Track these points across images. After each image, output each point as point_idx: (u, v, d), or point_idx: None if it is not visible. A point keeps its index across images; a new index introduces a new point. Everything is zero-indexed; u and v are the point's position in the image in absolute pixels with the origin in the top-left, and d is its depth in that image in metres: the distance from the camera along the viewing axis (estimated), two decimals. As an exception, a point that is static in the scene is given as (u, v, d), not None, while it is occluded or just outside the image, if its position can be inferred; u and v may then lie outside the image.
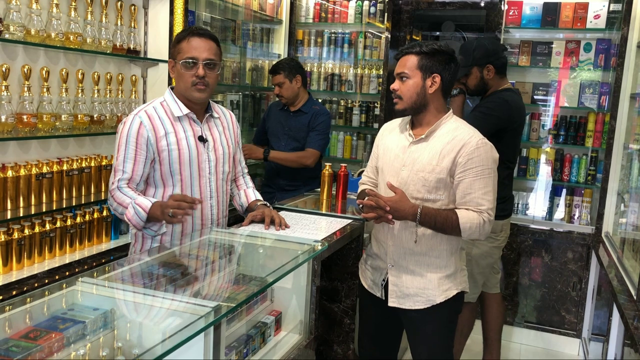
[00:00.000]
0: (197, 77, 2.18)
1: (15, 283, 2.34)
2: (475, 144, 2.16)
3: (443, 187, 2.19)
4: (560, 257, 3.94)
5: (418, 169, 2.21)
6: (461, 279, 2.33)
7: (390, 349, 2.52)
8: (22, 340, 1.33)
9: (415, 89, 2.21)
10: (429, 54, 2.19)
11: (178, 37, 2.24)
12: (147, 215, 2.11)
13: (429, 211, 2.16)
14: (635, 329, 2.18)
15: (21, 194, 2.47)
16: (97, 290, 1.68)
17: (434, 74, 2.19)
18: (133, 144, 2.18)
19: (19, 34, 2.37)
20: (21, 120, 2.43)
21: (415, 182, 2.21)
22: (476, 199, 2.15)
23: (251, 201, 2.53)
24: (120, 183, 2.19)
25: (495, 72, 3.09)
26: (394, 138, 2.35)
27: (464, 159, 2.15)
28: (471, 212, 2.16)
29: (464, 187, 2.17)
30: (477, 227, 2.15)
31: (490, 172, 2.17)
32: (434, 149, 2.20)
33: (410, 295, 2.28)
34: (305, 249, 2.11)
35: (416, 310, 2.28)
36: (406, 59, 2.23)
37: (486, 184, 2.16)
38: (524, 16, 4.01)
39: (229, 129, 2.45)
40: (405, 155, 2.26)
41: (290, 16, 4.62)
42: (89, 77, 2.82)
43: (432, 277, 2.26)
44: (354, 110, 4.60)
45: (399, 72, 2.24)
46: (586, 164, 3.99)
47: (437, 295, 2.25)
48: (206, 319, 1.47)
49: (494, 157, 2.20)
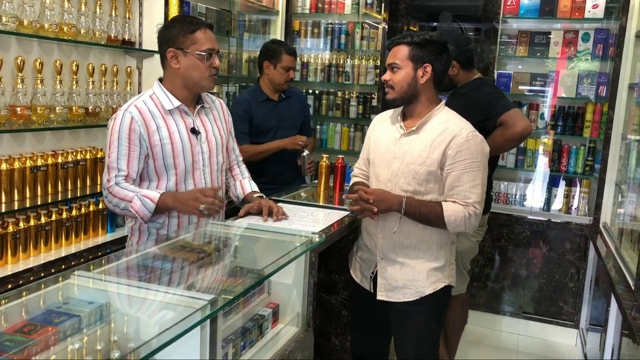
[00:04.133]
0: (214, 67, 2.20)
1: (10, 276, 2.33)
2: (465, 136, 2.14)
3: (434, 180, 2.18)
4: (558, 247, 3.94)
5: (408, 161, 2.20)
6: (449, 273, 2.32)
7: (381, 342, 2.51)
8: (16, 335, 1.31)
9: (407, 79, 2.19)
10: (420, 44, 2.17)
11: (188, 27, 2.16)
12: (155, 206, 2.10)
13: (414, 202, 2.16)
14: (633, 319, 2.17)
15: (16, 187, 2.45)
16: (93, 284, 1.66)
17: (425, 64, 2.18)
18: (126, 140, 2.14)
19: (12, 25, 2.34)
20: (15, 113, 2.40)
21: (406, 174, 2.20)
22: (463, 192, 2.14)
23: (247, 193, 2.51)
24: (118, 179, 2.15)
25: (461, 67, 2.97)
26: (385, 130, 2.33)
27: (454, 151, 2.13)
28: (457, 205, 2.14)
29: (451, 180, 2.15)
30: (462, 220, 2.13)
31: (480, 166, 2.15)
32: (425, 141, 2.18)
33: (399, 287, 2.27)
34: (303, 241, 2.10)
35: (404, 302, 2.27)
36: (397, 49, 2.22)
37: (474, 177, 2.14)
38: (522, 6, 3.98)
39: (220, 118, 2.42)
40: (396, 148, 2.24)
41: (287, 7, 4.58)
42: (84, 68, 2.79)
43: (421, 268, 2.25)
44: (351, 102, 4.58)
45: (390, 63, 2.23)
46: (584, 155, 3.98)
47: (426, 287, 2.24)
48: (202, 312, 1.45)
49: (484, 151, 2.18)
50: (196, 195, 2.12)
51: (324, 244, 2.27)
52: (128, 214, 2.16)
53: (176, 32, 2.18)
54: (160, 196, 2.12)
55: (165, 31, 2.21)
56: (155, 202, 2.11)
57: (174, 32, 2.18)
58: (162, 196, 2.13)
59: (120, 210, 2.17)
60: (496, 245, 4.05)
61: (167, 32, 2.20)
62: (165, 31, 2.21)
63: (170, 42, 2.17)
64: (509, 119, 2.75)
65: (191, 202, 2.10)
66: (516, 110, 2.81)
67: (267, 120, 3.42)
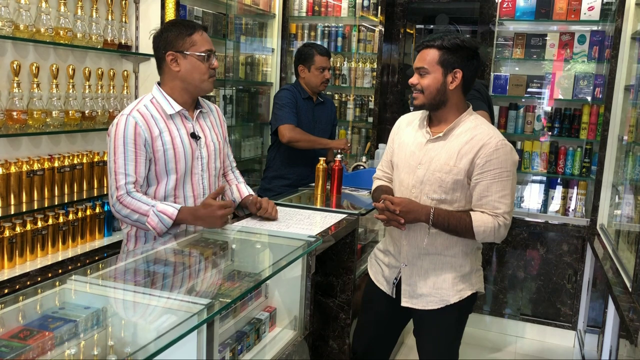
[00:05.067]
0: (213, 68, 2.22)
1: (7, 281, 2.33)
2: (494, 145, 2.08)
3: (460, 188, 2.13)
4: (556, 249, 3.94)
5: (435, 168, 2.14)
6: (476, 280, 2.27)
7: (387, 345, 2.50)
8: (13, 340, 1.31)
9: (436, 85, 2.11)
10: (451, 49, 2.09)
11: (185, 30, 2.17)
12: (172, 223, 2.10)
13: (442, 212, 2.11)
14: (630, 320, 2.18)
15: (12, 191, 2.45)
16: (89, 289, 1.66)
17: (456, 70, 2.10)
18: (132, 145, 2.11)
19: (8, 29, 2.34)
20: (11, 117, 2.40)
21: (432, 182, 2.14)
22: (492, 202, 2.09)
23: (244, 196, 2.51)
24: (129, 187, 2.10)
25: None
26: (411, 133, 2.27)
27: (482, 160, 2.08)
28: (486, 216, 2.09)
29: (480, 190, 2.10)
30: (492, 230, 2.09)
31: (509, 175, 2.10)
32: (452, 148, 2.12)
33: (423, 295, 2.24)
34: (300, 245, 2.10)
35: (428, 310, 2.24)
36: (426, 52, 2.13)
37: (504, 187, 2.09)
38: (517, 8, 3.99)
39: (217, 124, 2.42)
40: (421, 153, 2.18)
41: (284, 10, 4.59)
42: (80, 72, 2.79)
43: (446, 277, 2.21)
44: (348, 104, 4.59)
45: (419, 67, 2.14)
46: (581, 156, 3.98)
47: (451, 296, 2.21)
48: (199, 317, 1.45)
49: (513, 160, 2.13)
50: (220, 213, 2.13)
51: (321, 247, 2.26)
52: (140, 226, 2.12)
53: (174, 35, 2.17)
54: (178, 213, 2.11)
55: (163, 35, 2.20)
56: (173, 219, 2.09)
57: (172, 36, 2.17)
58: (180, 213, 2.11)
59: (131, 221, 2.13)
60: (494, 247, 4.05)
61: (164, 36, 2.19)
62: (162, 35, 2.20)
63: (168, 46, 2.17)
64: None
65: (215, 220, 2.13)
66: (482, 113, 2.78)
67: (305, 118, 3.50)
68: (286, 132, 3.35)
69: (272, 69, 4.65)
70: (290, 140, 3.35)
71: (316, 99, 3.57)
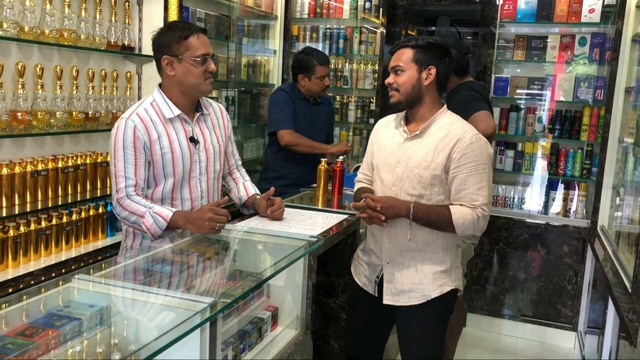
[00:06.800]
0: (210, 72, 2.21)
1: (11, 280, 2.34)
2: (469, 139, 2.15)
3: (438, 184, 2.19)
4: (556, 250, 3.95)
5: (413, 165, 2.20)
6: (456, 276, 2.32)
7: (378, 344, 2.51)
8: (18, 338, 1.33)
9: (411, 82, 2.20)
10: (425, 47, 2.19)
11: (181, 33, 2.17)
12: (167, 225, 2.11)
13: (421, 207, 2.17)
14: (630, 321, 2.19)
15: (16, 191, 2.46)
16: (93, 287, 1.68)
17: (430, 67, 2.19)
18: (131, 148, 2.14)
19: (12, 31, 2.36)
20: (15, 118, 2.42)
21: (411, 178, 2.21)
22: (470, 194, 2.15)
23: (250, 195, 2.53)
24: (129, 190, 2.13)
25: (454, 74, 2.96)
26: (389, 134, 2.34)
27: (458, 154, 2.14)
28: (464, 208, 2.15)
29: (458, 183, 2.16)
30: (471, 222, 2.15)
31: (485, 168, 2.17)
32: (429, 145, 2.19)
33: (405, 291, 2.28)
34: (302, 245, 2.11)
35: (410, 306, 2.27)
36: (401, 52, 2.22)
37: (480, 180, 2.15)
38: (519, 10, 4.01)
39: (219, 125, 2.43)
40: (400, 152, 2.25)
41: (286, 12, 4.60)
42: (84, 73, 2.81)
43: (427, 271, 2.25)
44: (350, 106, 4.60)
45: (394, 66, 2.23)
46: (581, 158, 3.99)
47: (432, 290, 2.25)
48: (202, 315, 1.47)
49: (488, 153, 2.20)
50: (209, 215, 2.09)
51: (323, 247, 2.28)
52: (138, 228, 2.15)
53: (169, 39, 2.17)
54: (172, 215, 2.12)
55: (159, 38, 2.20)
56: (167, 221, 2.11)
57: (168, 39, 2.18)
58: (174, 216, 2.12)
59: (129, 223, 2.16)
60: (494, 248, 4.06)
61: (160, 40, 2.20)
62: (158, 38, 2.21)
63: (164, 49, 2.18)
64: (474, 119, 2.78)
65: (206, 224, 2.09)
66: (485, 112, 2.85)
67: (302, 118, 3.53)
68: (285, 135, 3.40)
69: (274, 70, 4.67)
70: (288, 144, 3.40)
71: (313, 99, 3.61)
